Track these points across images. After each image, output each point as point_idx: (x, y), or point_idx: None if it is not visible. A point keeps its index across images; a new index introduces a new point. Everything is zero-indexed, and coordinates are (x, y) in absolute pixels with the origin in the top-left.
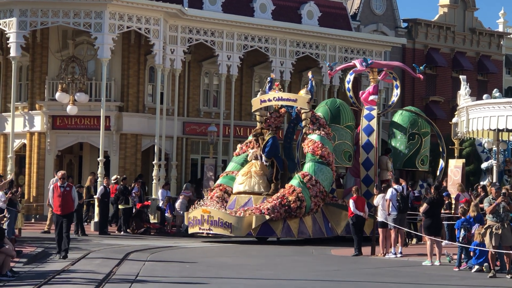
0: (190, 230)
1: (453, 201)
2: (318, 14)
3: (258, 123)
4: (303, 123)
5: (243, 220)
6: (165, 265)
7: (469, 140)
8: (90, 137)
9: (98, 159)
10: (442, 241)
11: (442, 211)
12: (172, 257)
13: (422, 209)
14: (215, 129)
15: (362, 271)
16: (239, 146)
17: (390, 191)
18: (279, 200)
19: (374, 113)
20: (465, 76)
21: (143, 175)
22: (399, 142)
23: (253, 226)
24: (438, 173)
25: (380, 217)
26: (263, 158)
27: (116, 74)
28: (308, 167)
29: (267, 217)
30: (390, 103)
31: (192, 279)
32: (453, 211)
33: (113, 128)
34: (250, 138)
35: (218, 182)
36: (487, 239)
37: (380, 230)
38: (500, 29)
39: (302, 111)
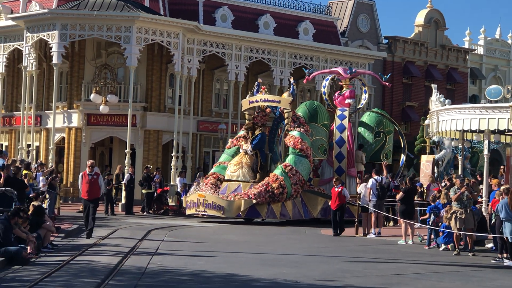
0: (188, 212)
1: (425, 190)
2: (312, 31)
3: (247, 121)
4: (286, 121)
5: (233, 204)
6: (181, 241)
7: (421, 138)
8: (119, 132)
9: (126, 151)
10: (414, 224)
11: (416, 198)
12: (187, 234)
13: (398, 196)
14: (225, 127)
15: (347, 248)
16: (230, 140)
17: (371, 181)
18: (264, 187)
19: (346, 113)
20: (436, 85)
21: (149, 166)
22: (367, 138)
23: (242, 209)
24: (400, 167)
25: (362, 203)
26: (249, 148)
27: (142, 79)
28: (289, 159)
29: (254, 201)
30: (360, 105)
31: (203, 252)
32: (424, 199)
33: (138, 125)
34: (240, 133)
35: (212, 170)
36: (452, 223)
37: (362, 214)
38: (466, 45)
39: (285, 110)
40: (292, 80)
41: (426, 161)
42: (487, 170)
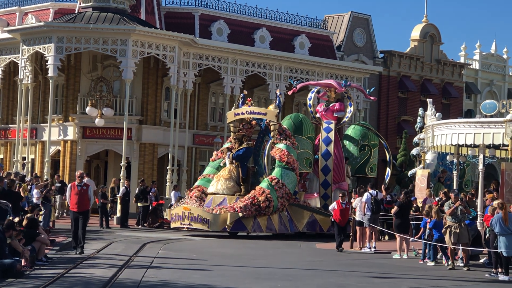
0: (172, 225)
1: (420, 205)
2: (308, 45)
3: (232, 133)
4: (272, 133)
5: (219, 217)
6: (176, 254)
7: (403, 151)
8: (115, 145)
9: (121, 164)
10: (409, 238)
11: (411, 212)
12: (182, 248)
13: (393, 211)
14: (220, 141)
15: (342, 262)
16: (214, 152)
17: (366, 195)
18: (250, 200)
19: (332, 126)
20: (431, 100)
21: (144, 179)
22: (352, 152)
23: (228, 222)
24: (385, 180)
25: (357, 217)
26: (229, 157)
27: (137, 92)
28: (275, 172)
29: (240, 214)
30: (345, 119)
31: (198, 266)
32: (421, 213)
33: (134, 138)
34: (226, 145)
35: (196, 183)
36: (447, 237)
37: (357, 228)
38: (462, 60)
39: (271, 123)
40: (278, 92)
41: (421, 175)
42: (482, 185)
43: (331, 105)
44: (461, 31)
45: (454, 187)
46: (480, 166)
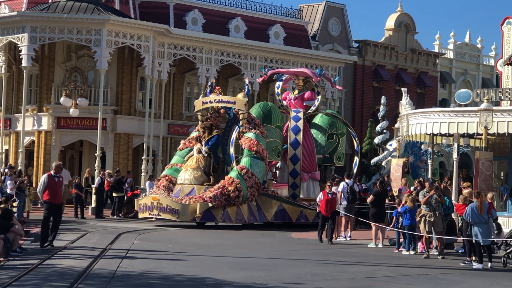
0: (141, 215)
1: (396, 194)
2: (283, 34)
3: (200, 122)
4: (241, 122)
5: (188, 207)
6: (151, 244)
7: (368, 140)
8: (89, 135)
9: (96, 154)
10: (385, 227)
11: (387, 201)
12: (157, 238)
13: (369, 200)
14: (195, 130)
15: (317, 251)
16: (182, 141)
17: (342, 185)
18: (220, 190)
19: (301, 115)
20: (406, 89)
21: (119, 169)
22: (319, 141)
23: (198, 213)
24: (354, 169)
25: None
26: (204, 148)
27: (112, 82)
28: (245, 161)
29: (210, 204)
30: (313, 107)
31: (173, 256)
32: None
33: (109, 128)
34: (193, 134)
35: (164, 173)
36: (421, 226)
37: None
38: (436, 49)
39: (240, 112)
40: (247, 80)
41: (396, 164)
42: (457, 174)
43: (300, 93)
44: (435, 20)
45: (429, 176)
46: (455, 155)
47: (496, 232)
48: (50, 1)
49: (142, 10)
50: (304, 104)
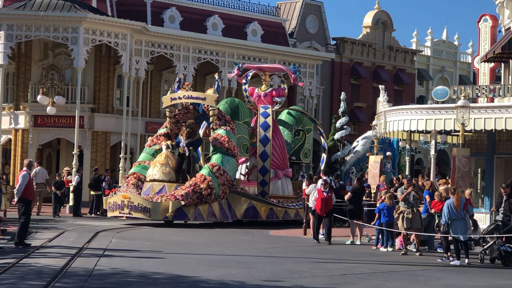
0: (110, 214)
1: (373, 191)
2: (261, 32)
3: (168, 118)
4: (211, 119)
5: (160, 205)
6: (129, 242)
7: (332, 136)
8: (67, 133)
9: (73, 152)
10: (363, 224)
11: (364, 198)
12: (135, 236)
13: (346, 197)
14: None
15: (295, 249)
16: (150, 138)
17: (320, 182)
18: (192, 187)
19: (269, 111)
20: (383, 86)
21: (97, 168)
22: (286, 137)
23: (170, 211)
24: (321, 165)
25: (311, 204)
26: (183, 142)
27: (89, 80)
28: (216, 158)
29: (183, 202)
30: (278, 104)
31: (151, 254)
32: (372, 199)
33: (86, 126)
34: (161, 131)
35: (132, 170)
36: (399, 223)
37: (311, 214)
38: (414, 47)
39: (210, 108)
40: (216, 76)
41: (374, 161)
42: (434, 170)
43: (268, 89)
44: (412, 18)
45: (407, 173)
46: (432, 152)
47: (472, 228)
48: None
49: (119, 8)
50: (274, 100)
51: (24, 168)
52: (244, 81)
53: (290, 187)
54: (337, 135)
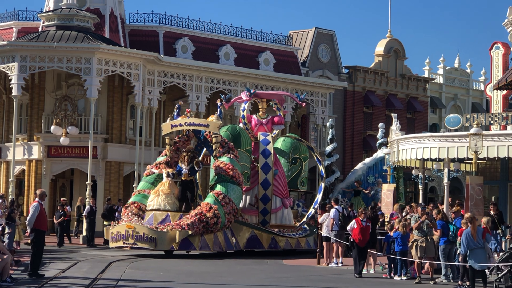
0: (113, 245)
1: (387, 219)
2: (273, 61)
3: (167, 145)
4: (214, 146)
5: (166, 235)
6: (143, 272)
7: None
8: (80, 164)
9: (87, 182)
10: (376, 253)
11: (377, 227)
12: (148, 266)
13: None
14: None
15: (309, 278)
16: (148, 166)
17: (333, 211)
18: (198, 216)
19: (269, 138)
20: (396, 114)
21: (110, 198)
22: (282, 165)
23: (177, 240)
24: (319, 194)
25: (324, 233)
26: (185, 169)
27: (102, 110)
28: (221, 186)
29: (190, 232)
30: (275, 131)
31: (165, 284)
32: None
33: (99, 156)
34: (160, 159)
35: (132, 199)
36: (413, 251)
37: (324, 243)
38: (426, 75)
39: (213, 135)
40: (219, 102)
41: (387, 190)
42: (447, 198)
43: (268, 117)
44: (425, 46)
45: (420, 201)
46: (445, 180)
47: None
48: (40, 30)
49: (132, 38)
50: (273, 128)
51: (37, 199)
52: (242, 107)
53: (291, 216)
54: (327, 161)
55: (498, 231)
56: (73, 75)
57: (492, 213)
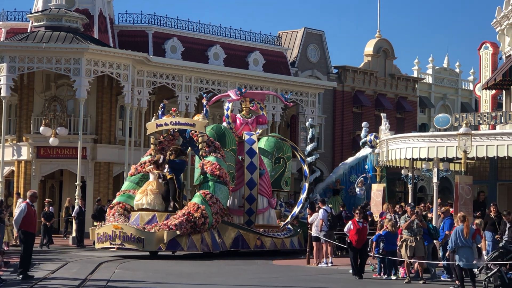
0: (99, 245)
1: (377, 219)
2: (262, 61)
3: (152, 145)
4: (200, 146)
5: (154, 236)
6: (132, 273)
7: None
8: (69, 164)
9: (76, 183)
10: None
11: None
12: (138, 266)
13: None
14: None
15: (299, 278)
16: (133, 166)
17: (321, 212)
18: (185, 216)
19: (254, 137)
20: (385, 114)
21: (100, 198)
22: (266, 165)
23: (165, 241)
24: (302, 194)
25: (314, 233)
26: (165, 171)
27: (92, 111)
28: (208, 186)
29: (178, 232)
30: (258, 130)
31: (155, 285)
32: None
33: (89, 157)
34: (145, 158)
35: (117, 200)
36: (403, 251)
37: (314, 243)
38: (415, 75)
39: (199, 134)
40: (204, 102)
41: (376, 189)
42: (437, 198)
43: (252, 116)
44: (414, 46)
45: (410, 201)
46: (435, 180)
47: (476, 256)
48: (28, 31)
49: (121, 39)
50: (257, 127)
51: (26, 200)
52: (226, 107)
53: (275, 216)
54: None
55: (496, 236)
56: (62, 75)
57: (492, 215)
